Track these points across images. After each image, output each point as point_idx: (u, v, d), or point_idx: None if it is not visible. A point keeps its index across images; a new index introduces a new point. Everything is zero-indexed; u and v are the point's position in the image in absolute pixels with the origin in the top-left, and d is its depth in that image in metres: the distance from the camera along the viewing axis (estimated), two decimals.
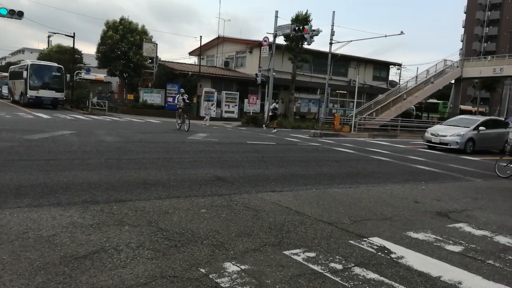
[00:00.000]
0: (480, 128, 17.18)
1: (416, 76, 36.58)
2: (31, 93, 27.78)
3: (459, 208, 6.50)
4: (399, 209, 6.09)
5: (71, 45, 36.16)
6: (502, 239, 4.98)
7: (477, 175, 10.63)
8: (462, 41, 78.83)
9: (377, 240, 4.49)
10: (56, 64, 30.36)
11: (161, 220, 4.55)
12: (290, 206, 5.67)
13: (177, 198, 5.60)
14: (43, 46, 64.15)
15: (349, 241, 4.39)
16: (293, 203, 5.90)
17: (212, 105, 28.57)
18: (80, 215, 4.52)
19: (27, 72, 27.91)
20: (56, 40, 54.24)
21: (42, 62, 31.52)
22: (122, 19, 34.56)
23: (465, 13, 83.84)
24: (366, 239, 4.50)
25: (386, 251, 4.17)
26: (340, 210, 5.73)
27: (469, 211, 6.38)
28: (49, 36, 48.72)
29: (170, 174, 7.33)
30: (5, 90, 40.17)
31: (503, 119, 23.15)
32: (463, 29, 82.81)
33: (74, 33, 32.42)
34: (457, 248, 4.48)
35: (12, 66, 37.57)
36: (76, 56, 42.46)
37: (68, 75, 31.27)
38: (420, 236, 4.81)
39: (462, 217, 5.97)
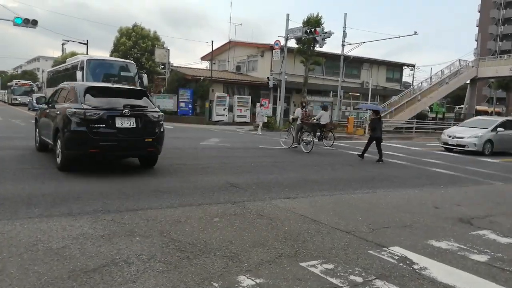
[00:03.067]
0: (499, 129, 16.74)
1: (431, 77, 36.08)
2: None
3: (481, 214, 6.24)
4: (419, 216, 5.87)
5: (85, 53, 36.56)
6: None
7: (497, 178, 10.29)
8: (476, 41, 77.62)
9: (398, 250, 4.29)
10: (125, 60, 21.18)
11: (173, 230, 4.42)
12: (305, 214, 5.50)
13: (189, 206, 5.48)
14: (57, 54, 65.15)
15: (369, 251, 4.20)
16: (308, 210, 5.73)
17: (224, 109, 28.56)
18: (91, 226, 4.42)
19: (83, 73, 18.82)
20: (70, 48, 55.00)
21: (104, 57, 21.78)
22: (134, 25, 34.92)
23: (479, 12, 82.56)
24: (386, 249, 4.30)
25: (408, 262, 3.98)
26: (357, 217, 5.54)
27: (492, 217, 6.12)
28: (63, 44, 49.52)
29: (182, 181, 7.22)
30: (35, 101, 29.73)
31: None
32: (477, 28, 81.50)
33: (87, 40, 32.80)
34: (482, 258, 4.26)
35: (50, 69, 28.80)
36: None
37: (145, 75, 21.12)
38: (443, 244, 4.60)
39: (485, 223, 5.72)
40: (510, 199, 7.73)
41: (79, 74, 17.16)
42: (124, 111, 7.38)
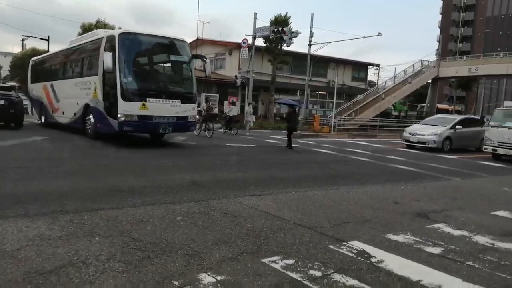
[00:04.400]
0: (457, 126, 17.46)
1: (394, 77, 37.09)
2: (126, 108, 10.80)
3: (438, 208, 6.50)
4: (379, 211, 6.05)
5: (46, 49, 35.31)
6: (480, 239, 4.98)
7: (455, 174, 10.73)
8: (438, 42, 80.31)
9: (357, 244, 4.41)
10: (175, 37, 12.48)
11: (134, 230, 4.37)
12: (269, 211, 5.56)
13: (152, 205, 5.42)
14: (17, 49, 62.54)
15: (329, 246, 4.30)
16: (272, 207, 5.79)
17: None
18: (48, 227, 4.30)
19: (115, 55, 10.78)
20: (31, 44, 52.99)
21: (146, 32, 12.14)
22: (98, 21, 34.01)
23: (440, 14, 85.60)
24: (345, 243, 4.42)
25: (366, 255, 4.10)
26: (319, 213, 5.65)
27: (448, 211, 6.38)
28: (23, 40, 47.60)
29: (146, 180, 7.13)
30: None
31: (479, 117, 23.60)
32: (439, 29, 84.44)
33: (48, 36, 31.74)
34: (436, 250, 4.45)
35: (36, 58, 19.76)
36: None
37: (208, 61, 14.03)
38: (400, 238, 4.76)
39: (441, 217, 5.97)
40: (465, 194, 8.08)
41: (107, 56, 10.43)
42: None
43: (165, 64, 12.86)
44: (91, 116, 12.27)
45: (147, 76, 11.96)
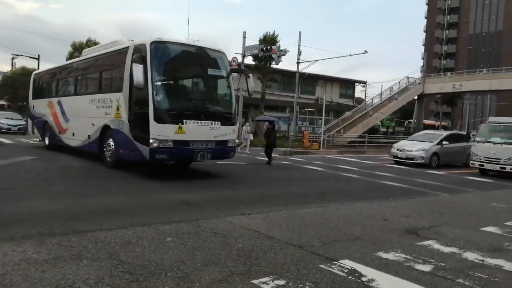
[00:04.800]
0: (444, 142, 17.71)
1: (381, 93, 37.62)
2: (159, 132, 8.93)
3: (427, 225, 6.54)
4: (369, 228, 6.06)
5: (37, 67, 35.18)
6: (470, 256, 5.01)
7: (443, 190, 10.84)
8: (423, 59, 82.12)
9: (348, 263, 4.40)
10: (213, 48, 10.52)
11: (123, 252, 4.30)
12: (259, 230, 5.53)
13: (141, 226, 5.35)
14: (7, 68, 62.02)
15: (319, 265, 4.28)
16: (262, 226, 5.77)
17: None
18: (35, 250, 4.22)
19: (147, 68, 8.92)
20: (20, 62, 52.76)
21: (180, 40, 10.28)
22: (88, 40, 34.09)
23: (424, 32, 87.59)
24: (336, 262, 4.41)
25: (356, 275, 4.09)
26: (310, 231, 5.63)
27: (437, 227, 6.42)
28: (12, 58, 47.30)
29: (134, 200, 7.06)
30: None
31: (465, 133, 23.98)
32: (423, 47, 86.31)
33: (38, 55, 31.62)
34: (427, 268, 4.46)
35: (40, 71, 18.14)
36: None
37: (251, 77, 11.44)
38: (390, 256, 4.77)
39: (431, 233, 6.00)
40: (454, 210, 8.15)
41: (137, 70, 8.54)
42: None
43: (202, 79, 10.55)
44: (110, 140, 10.45)
45: (184, 93, 10.27)
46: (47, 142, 15.16)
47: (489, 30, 78.00)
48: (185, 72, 10.43)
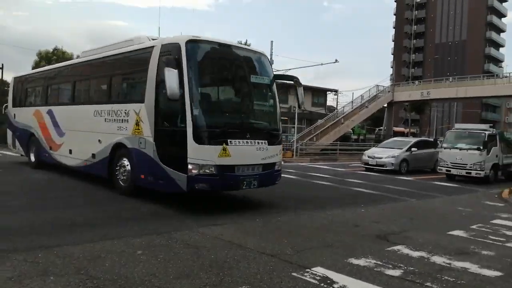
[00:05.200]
0: (413, 149, 18.20)
1: (352, 101, 38.35)
2: (200, 154, 7.05)
3: (397, 230, 6.69)
4: (340, 235, 6.14)
5: (0, 77, 34.06)
6: (438, 259, 5.15)
7: (412, 195, 11.11)
8: (392, 67, 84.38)
9: (320, 270, 4.44)
10: (257, 50, 8.89)
11: (92, 267, 4.20)
12: (232, 240, 5.51)
13: (111, 239, 5.23)
14: None
15: (292, 274, 4.31)
16: (236, 236, 5.75)
17: None
18: None
19: (182, 74, 7.09)
20: None
21: (219, 40, 8.11)
22: (55, 49, 33.38)
23: (393, 41, 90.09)
24: (309, 270, 4.44)
25: (328, 281, 4.13)
26: (283, 240, 5.66)
27: (406, 232, 6.58)
28: None
29: (104, 212, 6.90)
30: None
31: (432, 139, 24.73)
32: (392, 56, 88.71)
33: (2, 64, 30.68)
34: (396, 272, 4.55)
35: (24, 75, 14.84)
36: (6, 88, 40.01)
37: (301, 88, 8.99)
38: (361, 262, 4.84)
39: (400, 238, 6.13)
40: (422, 215, 8.37)
41: (171, 76, 6.83)
42: None
43: (246, 88, 8.50)
44: (125, 161, 8.48)
45: (227, 106, 8.46)
46: (33, 159, 12.73)
47: (454, 40, 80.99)
48: (227, 79, 8.57)
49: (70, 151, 10.58)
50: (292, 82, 8.90)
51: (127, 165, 8.41)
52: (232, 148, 7.31)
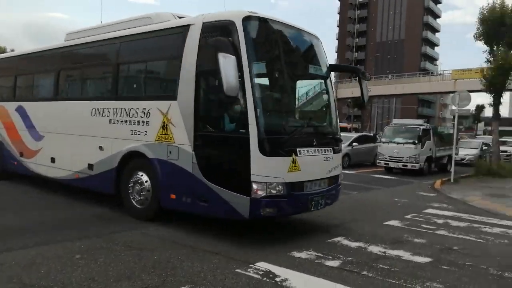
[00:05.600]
0: (354, 144, 18.92)
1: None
2: (266, 170, 5.27)
3: (337, 222, 6.96)
4: (283, 229, 6.30)
5: None
6: (374, 249, 5.43)
7: (353, 188, 11.56)
8: (337, 55, 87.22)
9: (263, 265, 4.54)
10: (311, 31, 6.66)
11: (26, 274, 4.00)
12: (176, 240, 5.46)
13: (46, 245, 4.99)
14: None
15: (236, 270, 4.36)
16: (179, 235, 5.70)
17: None
18: None
19: (241, 62, 5.25)
20: None
21: (277, 18, 6.01)
22: None
23: (337, 39, 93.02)
24: (252, 265, 4.52)
25: (271, 275, 4.23)
26: (227, 237, 5.70)
27: (346, 224, 6.87)
28: None
29: (40, 216, 6.57)
30: None
31: (372, 134, 25.87)
32: (336, 54, 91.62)
33: None
34: (335, 263, 4.75)
35: (20, 52, 11.24)
36: None
37: (366, 82, 7.34)
38: (303, 255, 5.00)
39: (340, 230, 6.40)
40: (362, 207, 8.77)
41: (227, 64, 5.00)
42: None
43: (308, 81, 7.03)
44: (142, 175, 6.58)
45: (292, 106, 6.63)
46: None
47: (394, 39, 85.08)
48: (292, 69, 6.51)
49: (53, 160, 8.40)
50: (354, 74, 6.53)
51: (146, 181, 6.50)
52: (300, 159, 5.70)
